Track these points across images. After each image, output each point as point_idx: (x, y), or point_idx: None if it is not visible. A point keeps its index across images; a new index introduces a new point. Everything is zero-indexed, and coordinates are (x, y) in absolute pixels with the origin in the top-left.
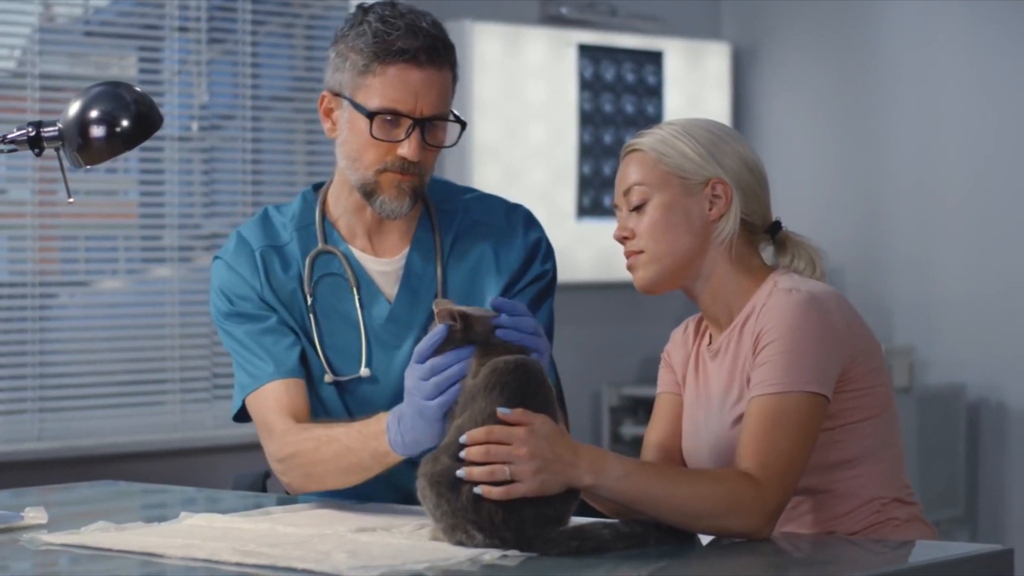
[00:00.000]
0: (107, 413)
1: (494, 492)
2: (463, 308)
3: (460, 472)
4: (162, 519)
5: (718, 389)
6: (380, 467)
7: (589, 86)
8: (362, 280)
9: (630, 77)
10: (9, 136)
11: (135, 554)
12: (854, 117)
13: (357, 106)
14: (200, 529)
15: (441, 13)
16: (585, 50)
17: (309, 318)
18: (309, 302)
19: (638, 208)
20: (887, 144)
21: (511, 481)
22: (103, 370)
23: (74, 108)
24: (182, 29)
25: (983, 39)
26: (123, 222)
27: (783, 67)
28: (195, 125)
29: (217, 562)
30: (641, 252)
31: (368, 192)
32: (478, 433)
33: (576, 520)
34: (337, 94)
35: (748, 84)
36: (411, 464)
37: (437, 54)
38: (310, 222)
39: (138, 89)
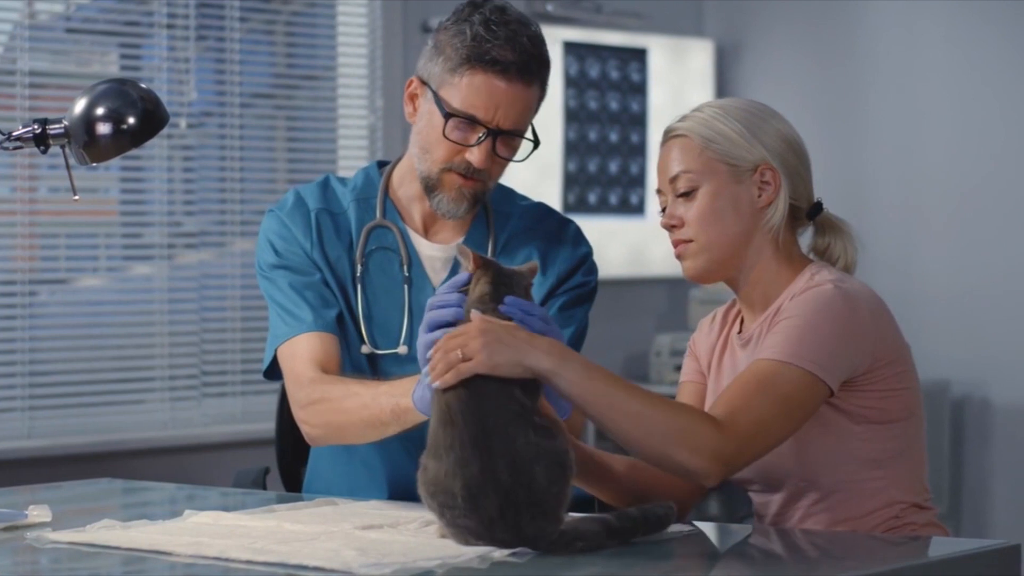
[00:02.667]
0: (97, 411)
1: (447, 376)
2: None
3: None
4: (163, 516)
5: None
6: (398, 424)
7: (574, 83)
8: (412, 260)
9: (615, 74)
10: (15, 133)
11: (144, 552)
12: (836, 113)
13: (439, 102)
14: (207, 527)
15: (427, 11)
16: (570, 47)
17: (355, 288)
18: (358, 272)
19: (685, 195)
20: (870, 141)
21: None
22: (92, 367)
23: (80, 105)
24: (170, 26)
25: (965, 35)
26: (104, 219)
27: (766, 64)
28: (183, 123)
29: (228, 560)
30: (690, 241)
31: (429, 187)
32: (440, 340)
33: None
34: (424, 83)
35: (731, 81)
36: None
37: (529, 71)
38: (370, 195)
39: (144, 86)
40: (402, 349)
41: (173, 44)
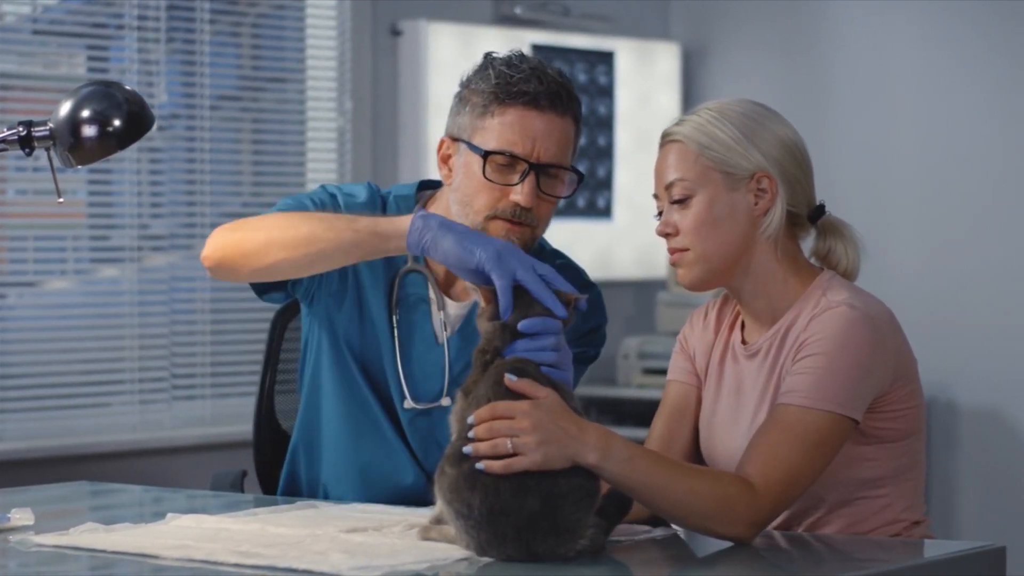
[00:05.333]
0: (67, 414)
1: (495, 466)
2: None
3: (466, 449)
4: (144, 519)
5: (754, 393)
6: (354, 234)
7: None
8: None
9: (582, 77)
10: None
11: (131, 555)
12: (802, 117)
13: (473, 147)
14: (190, 530)
15: (396, 13)
16: (538, 50)
17: (392, 339)
18: (395, 321)
19: (680, 202)
20: (835, 144)
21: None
22: (62, 370)
23: (65, 108)
24: (140, 28)
25: (932, 39)
26: (72, 222)
27: (731, 66)
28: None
29: (215, 563)
30: (686, 250)
31: None
32: (483, 411)
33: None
34: (456, 139)
35: (697, 83)
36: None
37: (560, 100)
38: None
39: (129, 88)
40: (446, 401)
41: (143, 46)
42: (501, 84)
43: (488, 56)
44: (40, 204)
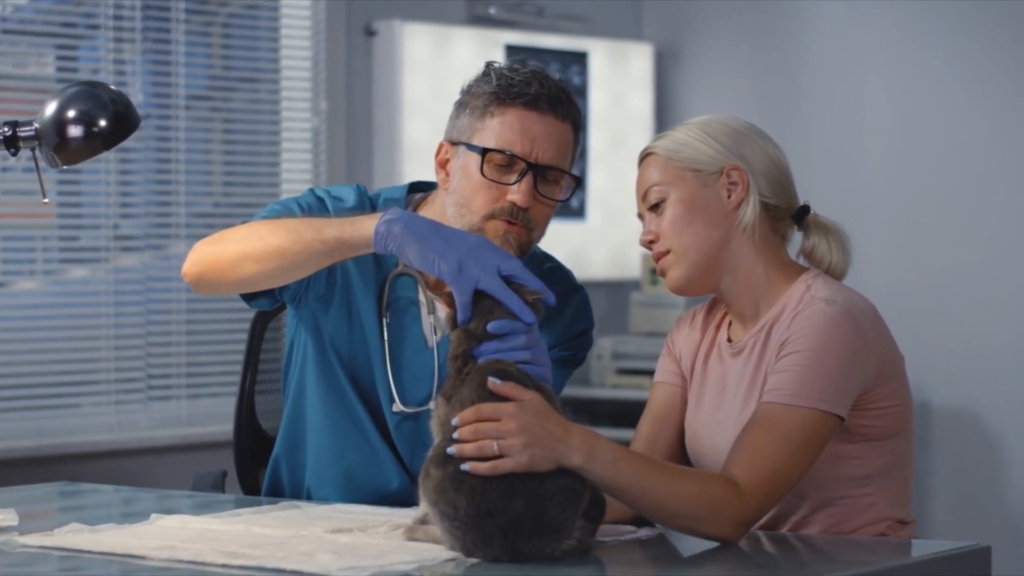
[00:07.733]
0: (43, 414)
1: (481, 468)
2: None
3: (451, 449)
4: (126, 519)
5: (739, 390)
6: (322, 244)
7: None
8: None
9: (556, 77)
10: None
11: (117, 556)
12: (775, 116)
13: (472, 147)
14: (175, 531)
15: (371, 14)
16: (512, 51)
17: (382, 343)
18: (385, 324)
19: (657, 208)
20: (809, 144)
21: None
22: (37, 371)
23: (51, 108)
24: (116, 28)
25: (905, 39)
26: (42, 222)
27: (704, 67)
28: None
29: (203, 564)
30: (667, 252)
31: None
32: (468, 413)
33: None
34: (455, 143)
35: (670, 84)
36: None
37: (560, 104)
38: None
39: (114, 88)
40: (434, 404)
41: (118, 46)
42: (502, 85)
43: (489, 63)
44: (8, 204)
